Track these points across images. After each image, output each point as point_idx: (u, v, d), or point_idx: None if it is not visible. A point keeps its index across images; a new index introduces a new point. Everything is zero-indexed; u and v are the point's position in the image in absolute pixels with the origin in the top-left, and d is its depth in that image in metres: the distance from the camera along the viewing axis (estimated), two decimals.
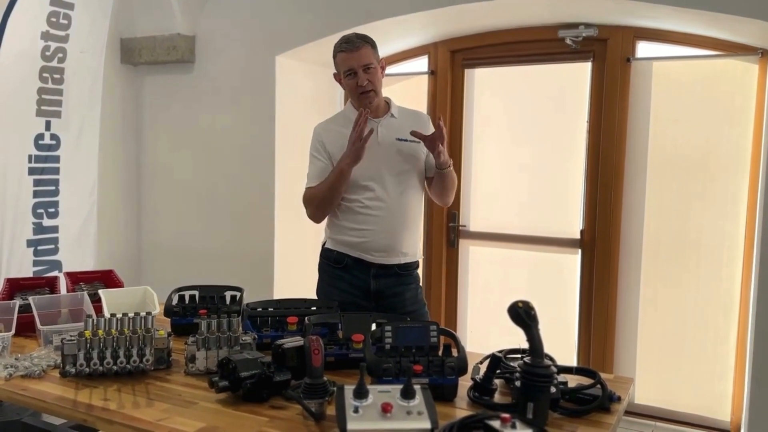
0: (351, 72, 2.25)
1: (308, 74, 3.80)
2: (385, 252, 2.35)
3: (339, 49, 2.27)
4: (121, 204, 3.97)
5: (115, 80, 3.83)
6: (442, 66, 3.65)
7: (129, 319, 1.91)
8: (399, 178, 2.32)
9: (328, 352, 1.86)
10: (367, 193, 2.32)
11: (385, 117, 2.35)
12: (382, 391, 1.46)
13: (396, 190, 2.32)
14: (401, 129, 2.32)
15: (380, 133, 2.31)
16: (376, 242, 2.34)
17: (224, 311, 2.19)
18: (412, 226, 2.39)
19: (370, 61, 2.24)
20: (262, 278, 3.63)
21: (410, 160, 2.34)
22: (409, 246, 2.39)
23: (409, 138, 2.30)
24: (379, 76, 2.28)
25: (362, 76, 2.24)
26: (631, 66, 3.22)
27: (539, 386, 1.48)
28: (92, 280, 2.59)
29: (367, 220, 2.33)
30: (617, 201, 3.31)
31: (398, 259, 2.36)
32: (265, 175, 3.63)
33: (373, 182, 2.30)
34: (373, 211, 2.32)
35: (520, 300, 1.55)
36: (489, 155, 3.64)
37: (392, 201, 2.32)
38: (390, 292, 2.37)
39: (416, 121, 2.38)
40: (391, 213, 2.32)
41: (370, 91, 2.25)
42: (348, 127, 2.28)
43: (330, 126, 2.40)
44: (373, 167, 2.30)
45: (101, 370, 1.77)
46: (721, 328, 3.15)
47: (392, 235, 2.33)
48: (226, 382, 1.62)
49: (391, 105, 2.38)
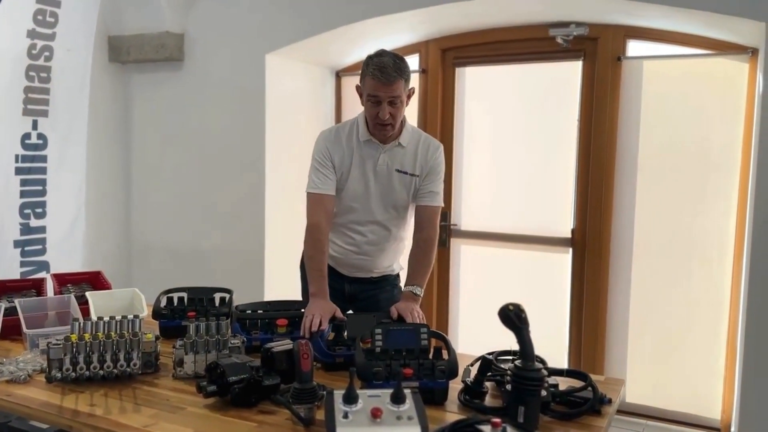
0: (376, 100, 2.11)
1: (299, 73, 3.77)
2: (358, 269, 2.39)
3: (371, 73, 2.08)
4: (109, 204, 3.93)
5: (102, 79, 3.79)
6: (433, 65, 3.63)
7: (116, 323, 1.89)
8: (388, 207, 2.29)
9: (336, 353, 1.86)
10: (350, 215, 2.31)
11: (391, 145, 2.23)
12: (372, 395, 1.45)
13: (381, 217, 2.30)
14: (404, 160, 2.25)
15: (381, 161, 2.24)
16: (349, 261, 2.37)
17: (213, 313, 2.17)
18: (391, 250, 2.38)
19: (399, 95, 2.09)
20: (252, 278, 3.61)
21: (403, 193, 2.28)
22: (384, 266, 2.41)
23: (409, 171, 2.25)
24: (403, 109, 2.15)
25: (385, 110, 2.10)
26: (622, 65, 3.21)
27: (530, 390, 1.47)
28: (80, 282, 2.57)
29: (343, 239, 2.35)
30: (608, 200, 3.31)
31: (371, 275, 2.40)
32: (255, 175, 3.60)
33: (359, 205, 2.28)
34: (352, 234, 2.33)
35: (511, 303, 1.54)
36: (480, 154, 3.63)
37: (374, 227, 2.31)
38: (364, 295, 2.41)
39: (424, 152, 2.26)
40: (371, 239, 2.32)
41: (388, 125, 2.16)
42: (353, 143, 2.23)
43: (336, 138, 2.27)
44: (363, 191, 2.27)
45: (88, 374, 1.74)
46: (712, 326, 3.16)
47: (368, 258, 2.36)
48: (214, 386, 1.60)
49: (403, 130, 2.24)
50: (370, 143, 2.23)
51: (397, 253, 2.44)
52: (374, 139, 2.22)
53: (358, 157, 2.24)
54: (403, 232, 2.39)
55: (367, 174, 2.24)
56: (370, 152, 2.24)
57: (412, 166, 2.25)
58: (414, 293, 2.21)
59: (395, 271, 2.46)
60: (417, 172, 2.25)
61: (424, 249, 2.26)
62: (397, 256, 2.45)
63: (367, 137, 2.23)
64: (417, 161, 2.25)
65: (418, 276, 2.24)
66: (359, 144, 2.24)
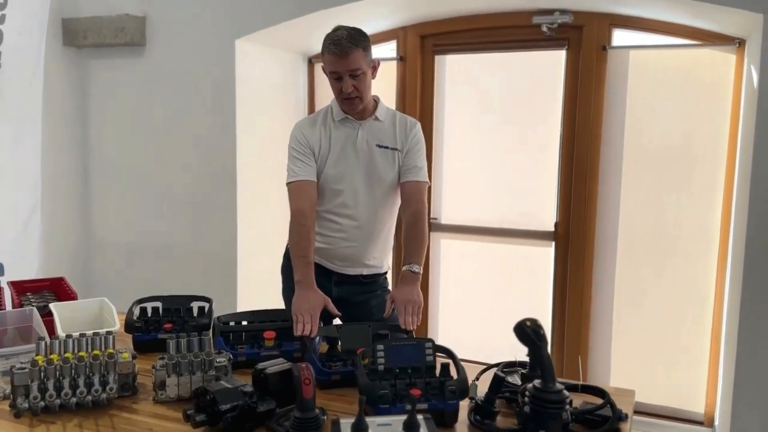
0: (337, 76, 2.08)
1: (272, 59, 3.58)
2: (348, 262, 2.26)
3: (326, 49, 2.07)
4: (67, 200, 3.66)
5: (57, 65, 3.52)
6: (412, 52, 3.49)
7: (87, 340, 1.73)
8: (372, 186, 2.19)
9: (332, 370, 1.72)
10: (335, 199, 2.20)
11: (368, 120, 2.19)
12: (383, 424, 1.34)
13: (367, 198, 2.20)
14: (383, 134, 2.19)
15: (360, 137, 2.18)
16: (339, 251, 2.24)
17: (192, 325, 2.02)
18: (380, 237, 2.27)
19: (358, 66, 2.05)
20: (224, 278, 3.42)
21: (387, 169, 2.20)
22: (376, 258, 2.29)
23: (390, 145, 2.18)
24: (367, 81, 2.10)
25: (347, 83, 2.06)
26: (608, 54, 3.13)
27: (551, 413, 1.37)
28: (40, 290, 2.38)
29: (331, 227, 2.23)
30: (592, 192, 3.24)
31: (361, 270, 2.27)
32: (225, 168, 3.41)
33: (343, 187, 2.18)
34: (340, 219, 2.21)
35: (528, 318, 1.44)
36: (460, 145, 3.52)
37: (361, 210, 2.20)
38: (354, 300, 2.27)
39: (402, 126, 2.22)
40: (359, 223, 2.21)
41: (355, 98, 2.10)
42: (326, 127, 2.18)
43: (311, 124, 2.23)
44: (346, 172, 2.18)
45: (58, 402, 1.57)
46: (696, 320, 3.14)
47: (357, 246, 2.23)
48: (203, 416, 1.46)
49: (378, 106, 2.22)
50: (347, 121, 2.18)
51: (387, 244, 2.32)
52: (350, 116, 2.17)
53: (336, 137, 2.18)
54: (391, 218, 2.28)
55: (347, 152, 2.17)
56: (348, 131, 2.18)
57: (392, 140, 2.19)
58: (413, 271, 2.09)
59: (383, 269, 2.34)
60: (398, 146, 2.19)
61: (414, 222, 2.16)
62: (387, 248, 2.33)
63: (342, 116, 2.18)
64: (396, 135, 2.19)
65: (414, 253, 2.12)
66: (335, 125, 2.19)
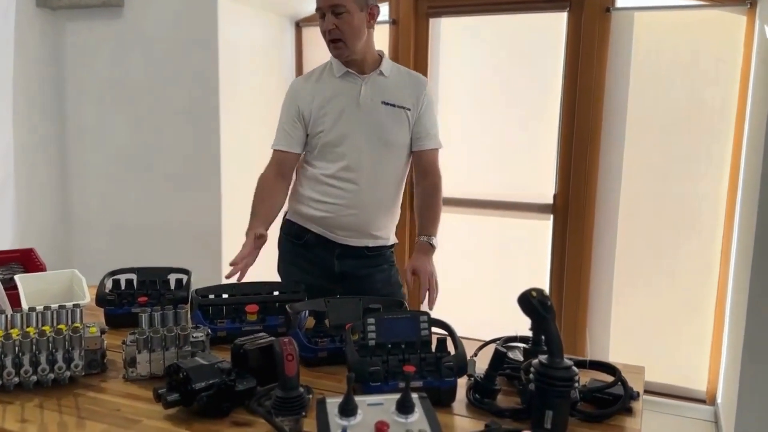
0: (320, 13, 1.95)
1: (257, 21, 3.40)
2: (352, 232, 2.08)
3: None
4: (42, 172, 3.47)
5: (29, 27, 3.31)
6: (405, 15, 3.33)
7: (52, 314, 1.58)
8: (378, 148, 2.02)
9: (319, 347, 1.59)
10: (337, 162, 2.03)
11: (372, 74, 2.03)
12: (373, 404, 1.20)
13: (373, 161, 2.02)
14: (390, 91, 2.03)
15: (363, 93, 2.01)
16: (341, 219, 2.06)
17: (168, 299, 1.88)
18: (387, 205, 2.11)
19: (341, 3, 1.90)
20: (208, 254, 3.26)
21: (395, 129, 2.03)
22: (381, 228, 2.11)
23: (397, 103, 2.02)
24: (354, 22, 1.93)
25: (328, 20, 1.92)
26: (611, 16, 2.98)
27: (559, 391, 1.24)
28: (8, 262, 2.24)
29: (333, 193, 2.05)
30: (593, 163, 3.11)
31: (366, 241, 2.10)
32: (208, 136, 3.24)
33: (345, 149, 2.01)
34: (342, 183, 2.04)
35: (533, 288, 1.30)
36: (456, 114, 3.36)
37: (366, 174, 2.02)
38: (357, 274, 2.11)
39: (412, 84, 2.07)
40: (363, 188, 2.03)
41: (338, 40, 1.94)
42: (322, 83, 2.03)
43: (305, 83, 2.10)
44: (348, 131, 2.00)
45: (17, 381, 1.43)
46: (699, 296, 3.03)
47: (362, 213, 2.05)
48: (176, 395, 1.32)
49: (383, 61, 2.06)
50: (348, 76, 2.03)
51: (393, 213, 2.15)
52: (351, 70, 2.02)
53: (334, 93, 2.03)
54: (399, 184, 2.12)
55: (349, 110, 2.01)
56: (349, 86, 2.02)
57: (400, 98, 2.03)
58: (431, 243, 2.08)
59: (390, 242, 2.17)
60: (407, 105, 2.03)
61: (431, 193, 2.11)
62: (394, 218, 2.17)
63: (344, 71, 2.02)
64: (405, 93, 2.04)
65: (430, 225, 2.11)
66: (335, 81, 2.03)
